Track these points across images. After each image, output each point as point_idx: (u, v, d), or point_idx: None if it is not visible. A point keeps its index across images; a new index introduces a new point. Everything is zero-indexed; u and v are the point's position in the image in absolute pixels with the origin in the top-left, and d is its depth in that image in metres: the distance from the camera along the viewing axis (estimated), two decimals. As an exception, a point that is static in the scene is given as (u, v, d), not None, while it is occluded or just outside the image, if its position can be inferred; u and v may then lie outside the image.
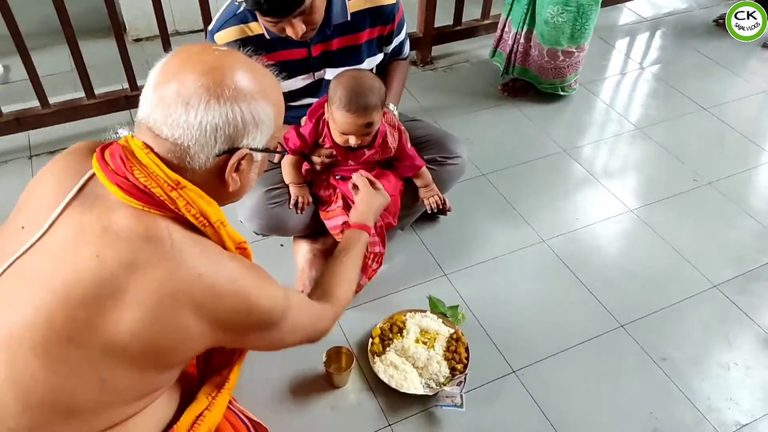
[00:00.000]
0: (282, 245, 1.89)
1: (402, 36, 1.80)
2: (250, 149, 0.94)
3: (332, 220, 1.72)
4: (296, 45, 1.58)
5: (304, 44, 1.60)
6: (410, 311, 1.69)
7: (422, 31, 2.66)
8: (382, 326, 1.65)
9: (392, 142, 1.69)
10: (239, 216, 1.70)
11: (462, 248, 1.94)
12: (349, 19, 1.61)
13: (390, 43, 1.76)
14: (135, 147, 0.90)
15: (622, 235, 2.03)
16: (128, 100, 2.27)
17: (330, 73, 1.69)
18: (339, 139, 1.60)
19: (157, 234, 0.87)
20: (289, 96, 1.71)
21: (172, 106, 0.87)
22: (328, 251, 1.79)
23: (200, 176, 0.92)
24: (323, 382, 1.56)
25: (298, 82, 1.69)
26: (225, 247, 0.98)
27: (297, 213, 1.71)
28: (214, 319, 0.92)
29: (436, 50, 2.79)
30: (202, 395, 1.08)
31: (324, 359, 1.53)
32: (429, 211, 1.83)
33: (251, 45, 1.52)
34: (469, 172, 2.18)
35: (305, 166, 1.72)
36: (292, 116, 1.64)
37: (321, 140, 1.67)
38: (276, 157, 1.09)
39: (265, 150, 0.97)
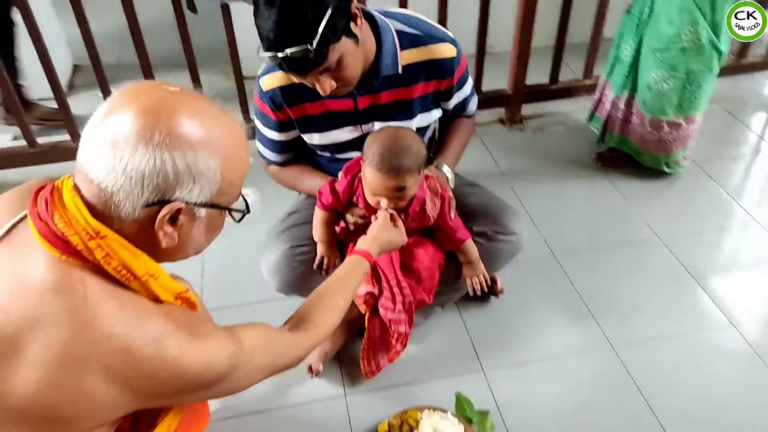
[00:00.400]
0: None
1: (465, 92, 1.59)
2: (187, 203, 0.81)
3: (362, 285, 1.52)
4: (342, 95, 1.43)
5: (351, 95, 1.44)
6: (429, 408, 1.43)
7: (512, 88, 2.44)
8: (391, 422, 1.41)
9: (431, 209, 1.48)
10: (262, 271, 1.56)
11: (509, 340, 1.66)
12: (400, 72, 1.43)
13: (449, 98, 1.56)
14: (65, 189, 0.82)
15: (720, 357, 1.61)
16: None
17: (380, 125, 1.52)
18: (371, 200, 1.42)
19: (69, 286, 0.78)
20: (336, 148, 1.57)
21: (101, 146, 0.77)
22: (350, 323, 1.60)
23: (129, 227, 0.81)
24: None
25: (345, 134, 1.54)
26: (160, 300, 0.85)
27: (321, 274, 1.54)
28: (128, 386, 0.80)
29: (528, 109, 2.54)
30: None
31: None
32: (471, 293, 1.58)
33: (297, 92, 1.41)
34: (538, 251, 1.91)
35: (341, 224, 1.56)
36: (338, 169, 1.51)
37: (355, 199, 1.50)
38: (237, 216, 0.94)
39: (210, 206, 0.84)
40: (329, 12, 1.17)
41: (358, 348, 1.54)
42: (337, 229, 1.56)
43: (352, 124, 1.52)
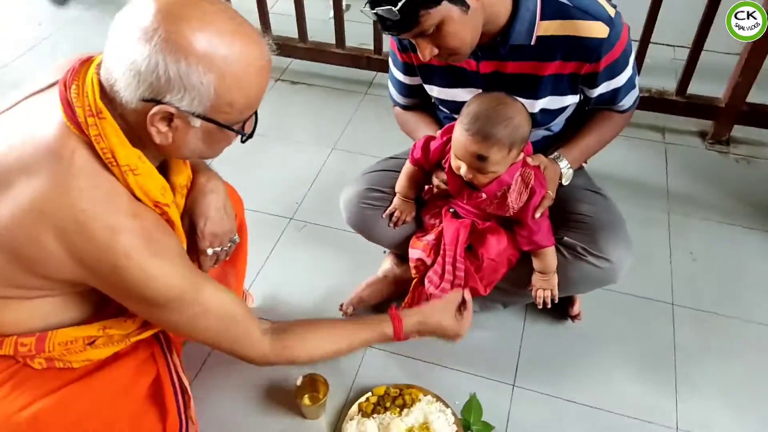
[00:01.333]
0: (385, 252, 1.71)
1: (618, 82, 1.34)
2: (178, 109, 0.84)
3: (414, 250, 1.47)
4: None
5: (474, 56, 1.32)
6: (434, 397, 1.37)
7: (727, 100, 2.00)
8: (389, 389, 1.38)
9: (514, 200, 1.33)
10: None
11: (559, 368, 1.48)
12: (532, 43, 1.26)
13: (593, 86, 1.34)
14: (93, 65, 0.90)
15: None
16: (370, 62, 2.30)
17: None
18: (453, 164, 1.33)
19: (60, 151, 0.87)
20: (454, 106, 1.47)
21: (118, 31, 0.83)
22: (400, 281, 1.55)
23: (129, 115, 0.87)
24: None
25: (464, 94, 1.43)
26: (137, 197, 0.92)
27: (388, 225, 1.51)
28: (76, 256, 0.89)
29: (740, 131, 2.08)
30: (97, 326, 1.06)
31: (297, 385, 1.36)
32: (537, 305, 1.42)
33: None
34: (655, 292, 1.63)
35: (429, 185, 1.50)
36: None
37: (444, 162, 1.41)
38: (234, 137, 0.94)
39: (204, 118, 0.86)
40: None
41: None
42: (426, 188, 1.50)
43: (472, 86, 1.40)
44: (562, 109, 1.38)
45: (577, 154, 1.44)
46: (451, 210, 1.44)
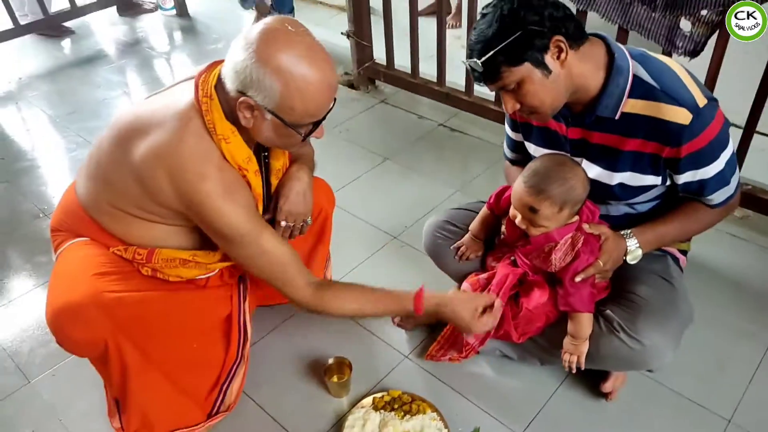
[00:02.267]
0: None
1: (706, 173, 1.33)
2: (255, 102, 1.17)
3: (465, 284, 1.60)
4: (556, 117, 1.45)
5: (565, 120, 1.45)
6: (439, 415, 1.48)
7: None
8: (404, 395, 1.52)
9: (558, 259, 1.40)
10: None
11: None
12: (617, 117, 1.34)
13: (677, 171, 1.35)
14: (222, 64, 1.26)
15: None
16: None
17: (586, 165, 1.47)
18: (511, 212, 1.46)
19: (183, 116, 1.24)
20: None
21: (236, 42, 1.18)
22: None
23: (230, 101, 1.22)
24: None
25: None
26: (226, 159, 1.26)
27: (454, 257, 1.66)
28: (177, 189, 1.24)
29: None
30: (190, 253, 1.41)
31: (327, 365, 1.59)
32: (564, 366, 1.44)
33: None
34: (711, 402, 1.52)
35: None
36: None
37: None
38: (293, 137, 1.22)
39: (272, 113, 1.18)
40: (516, 35, 1.21)
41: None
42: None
43: (561, 148, 1.52)
44: (643, 189, 1.41)
45: (650, 237, 1.45)
46: (511, 258, 1.55)
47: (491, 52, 1.22)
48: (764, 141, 2.22)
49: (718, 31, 1.78)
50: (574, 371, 1.43)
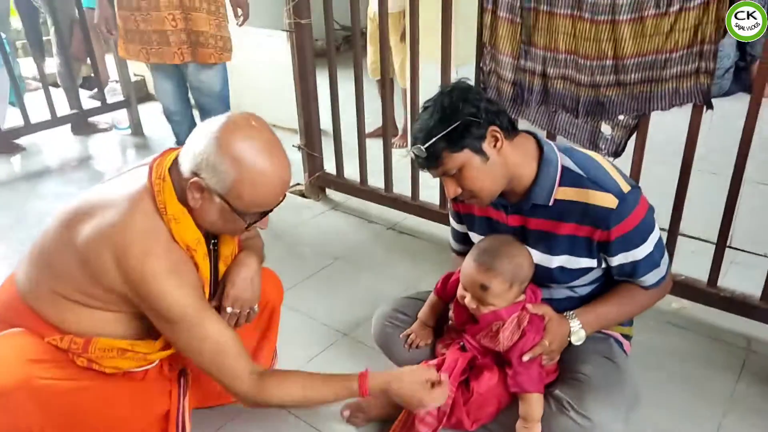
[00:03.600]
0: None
1: (636, 255, 1.42)
2: (206, 184, 1.21)
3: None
4: (495, 206, 1.54)
5: (504, 209, 1.53)
6: None
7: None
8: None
9: (506, 338, 1.43)
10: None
11: None
12: (550, 204, 1.44)
13: (610, 254, 1.44)
14: (179, 150, 1.32)
15: None
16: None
17: None
18: (459, 292, 1.49)
19: (134, 197, 1.28)
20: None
21: (199, 130, 1.25)
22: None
23: (182, 182, 1.26)
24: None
25: None
26: (174, 240, 1.27)
27: (403, 346, 1.65)
28: (121, 270, 1.23)
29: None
30: (129, 342, 1.36)
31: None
32: (519, 453, 1.41)
33: None
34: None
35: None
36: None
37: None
38: (237, 222, 1.27)
39: (220, 197, 1.22)
40: (455, 124, 1.32)
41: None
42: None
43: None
44: (581, 271, 1.48)
45: (591, 318, 1.50)
46: (460, 344, 1.56)
47: (433, 139, 1.32)
48: (692, 243, 2.38)
49: (635, 133, 1.97)
50: (531, 459, 1.40)
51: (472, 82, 1.44)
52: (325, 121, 2.96)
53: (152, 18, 2.66)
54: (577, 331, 1.48)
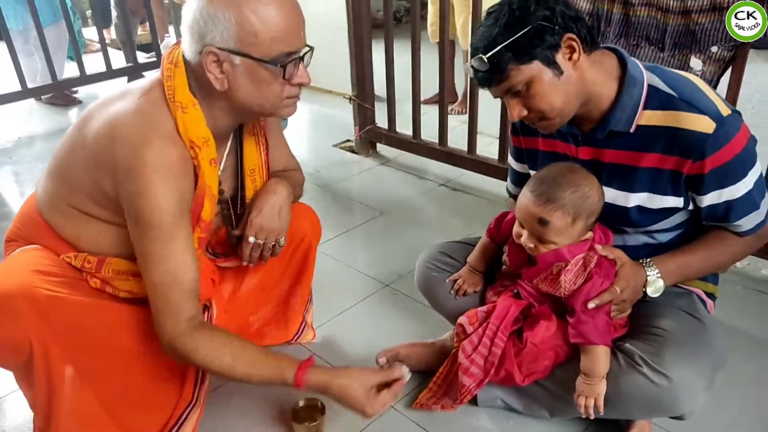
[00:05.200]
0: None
1: (732, 193, 1.18)
2: (217, 48, 1.06)
3: (462, 317, 1.39)
4: (564, 137, 1.33)
5: (574, 140, 1.32)
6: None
7: None
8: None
9: (567, 281, 1.21)
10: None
11: None
12: (631, 130, 1.21)
13: (701, 192, 1.20)
14: None
15: None
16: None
17: None
18: (515, 230, 1.29)
19: (145, 88, 1.15)
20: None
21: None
22: (448, 353, 1.45)
23: (195, 70, 1.12)
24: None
25: None
26: (178, 132, 1.12)
27: (450, 292, 1.47)
28: (117, 157, 1.09)
29: None
30: None
31: (294, 408, 1.35)
32: (580, 411, 1.21)
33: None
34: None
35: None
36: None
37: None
38: (272, 82, 1.10)
39: (238, 53, 1.06)
40: (525, 30, 1.11)
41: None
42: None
43: (570, 171, 1.38)
44: (663, 212, 1.25)
45: (673, 267, 1.27)
46: (514, 291, 1.36)
47: (498, 47, 1.12)
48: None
49: (731, 68, 1.70)
50: (591, 417, 1.19)
51: None
52: (380, 89, 2.80)
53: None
54: (655, 280, 1.25)
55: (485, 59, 1.13)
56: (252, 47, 1.06)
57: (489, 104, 1.88)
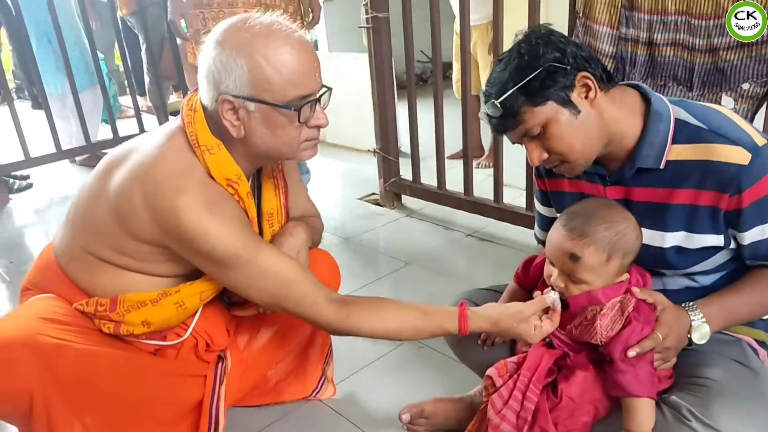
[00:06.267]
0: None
1: None
2: (232, 95, 1.05)
3: (491, 369, 1.29)
4: (591, 177, 1.28)
5: (602, 180, 1.26)
6: None
7: None
8: None
9: (604, 326, 1.13)
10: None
11: None
12: (661, 167, 1.15)
13: (742, 229, 1.12)
14: None
15: None
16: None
17: None
18: (545, 271, 1.22)
19: (166, 135, 1.15)
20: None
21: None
22: (477, 410, 1.35)
23: (213, 116, 1.11)
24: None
25: None
26: (210, 174, 1.11)
27: (477, 343, 1.38)
28: (152, 213, 1.09)
29: None
30: (159, 292, 1.20)
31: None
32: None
33: None
34: None
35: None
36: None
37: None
38: (288, 126, 1.09)
39: (252, 99, 1.05)
40: (536, 72, 1.09)
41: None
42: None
43: (598, 213, 1.31)
44: (703, 252, 1.17)
45: (717, 310, 1.17)
46: (546, 339, 1.27)
47: (510, 91, 1.09)
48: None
49: (765, 104, 1.64)
50: (635, 480, 1.07)
51: None
52: (405, 145, 2.84)
53: (225, 15, 2.63)
54: (700, 325, 1.15)
55: (498, 104, 1.10)
56: (266, 93, 1.05)
57: (516, 155, 1.84)
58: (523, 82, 1.08)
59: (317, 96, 1.11)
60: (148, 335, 1.23)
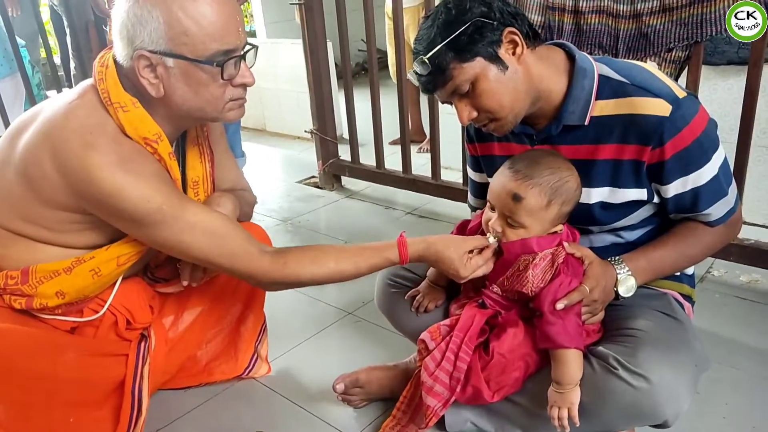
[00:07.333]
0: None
1: (697, 180, 1.11)
2: (147, 51, 0.98)
3: (425, 332, 1.27)
4: (519, 138, 1.27)
5: (530, 140, 1.26)
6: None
7: None
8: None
9: (534, 277, 1.12)
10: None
11: None
12: (586, 123, 1.15)
13: (665, 181, 1.13)
14: None
15: None
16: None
17: None
18: (484, 216, 1.21)
19: (80, 92, 1.07)
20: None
21: None
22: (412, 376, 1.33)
23: (128, 76, 1.04)
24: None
25: None
26: (125, 132, 1.03)
27: (410, 310, 1.36)
28: (63, 172, 1.01)
29: None
30: (72, 260, 1.13)
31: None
32: (554, 425, 1.09)
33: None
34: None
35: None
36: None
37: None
38: (211, 84, 1.02)
39: (170, 54, 0.98)
40: (463, 27, 1.07)
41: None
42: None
43: (528, 173, 1.31)
44: (628, 207, 1.18)
45: (644, 263, 1.19)
46: (479, 301, 1.26)
47: (438, 47, 1.06)
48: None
49: (687, 68, 1.68)
50: (566, 430, 1.07)
51: None
52: (346, 131, 2.79)
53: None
54: (626, 278, 1.17)
55: (426, 60, 1.08)
56: (185, 47, 0.98)
57: (454, 137, 1.82)
58: (451, 37, 1.06)
59: (242, 52, 1.05)
60: (65, 310, 1.15)
